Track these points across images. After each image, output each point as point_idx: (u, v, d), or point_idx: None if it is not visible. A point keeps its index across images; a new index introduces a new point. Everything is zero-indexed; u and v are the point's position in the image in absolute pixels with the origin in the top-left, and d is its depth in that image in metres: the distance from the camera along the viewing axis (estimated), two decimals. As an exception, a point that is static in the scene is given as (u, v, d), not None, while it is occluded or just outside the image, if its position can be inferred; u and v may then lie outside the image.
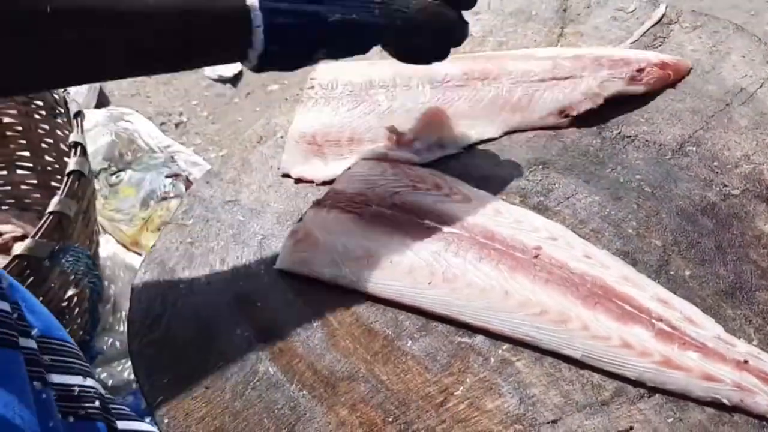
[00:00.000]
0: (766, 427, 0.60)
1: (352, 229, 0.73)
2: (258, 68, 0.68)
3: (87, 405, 0.70)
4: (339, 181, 0.80)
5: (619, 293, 0.66)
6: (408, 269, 0.70)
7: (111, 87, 1.96)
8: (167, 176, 1.52)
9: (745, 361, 0.62)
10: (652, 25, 0.93)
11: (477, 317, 0.67)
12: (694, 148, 0.80)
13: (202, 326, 0.72)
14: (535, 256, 0.69)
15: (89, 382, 0.72)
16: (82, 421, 0.69)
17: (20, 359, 0.61)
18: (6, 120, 1.34)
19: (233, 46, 0.66)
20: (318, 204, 0.76)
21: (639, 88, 0.85)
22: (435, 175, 0.79)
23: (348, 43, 0.71)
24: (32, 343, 0.67)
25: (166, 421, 0.66)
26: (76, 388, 0.69)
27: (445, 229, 0.72)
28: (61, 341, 0.72)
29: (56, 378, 0.68)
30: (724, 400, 0.61)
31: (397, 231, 0.73)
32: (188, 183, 1.48)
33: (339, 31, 0.68)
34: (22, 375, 0.61)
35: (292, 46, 0.68)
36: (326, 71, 0.90)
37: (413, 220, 0.74)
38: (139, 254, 1.39)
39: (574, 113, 0.84)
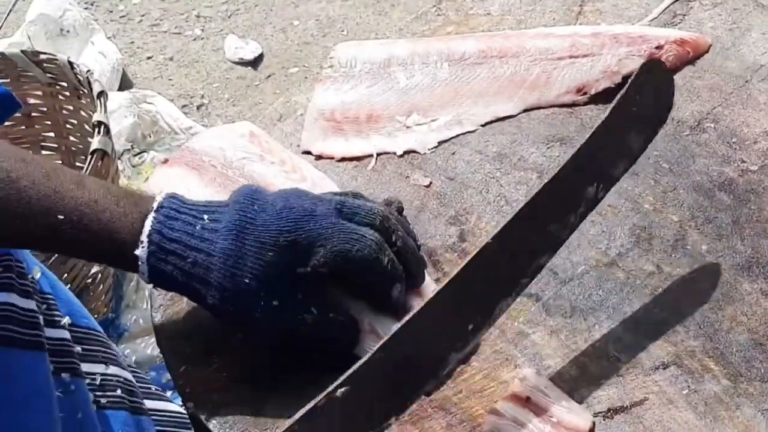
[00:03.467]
0: (781, 399, 0.61)
1: (190, 186, 0.76)
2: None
3: (109, 394, 0.71)
4: (197, 139, 0.83)
5: None
6: None
7: (134, 69, 1.98)
8: (189, 157, 1.54)
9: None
10: (672, 3, 0.93)
11: None
12: (713, 125, 0.80)
13: (223, 299, 0.73)
14: None
15: (112, 369, 0.72)
16: (102, 410, 0.70)
17: (41, 360, 0.61)
18: (31, 101, 1.36)
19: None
20: (166, 161, 0.79)
21: (658, 66, 0.85)
22: (284, 151, 0.81)
23: None
24: (65, 334, 0.67)
25: (188, 390, 0.67)
26: (98, 377, 0.70)
27: None
28: (86, 329, 0.73)
29: (83, 367, 0.69)
30: None
31: (228, 193, 0.75)
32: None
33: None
34: (40, 379, 0.61)
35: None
36: (345, 49, 0.91)
37: None
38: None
39: (593, 91, 0.85)
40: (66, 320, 0.67)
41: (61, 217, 0.59)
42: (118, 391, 0.72)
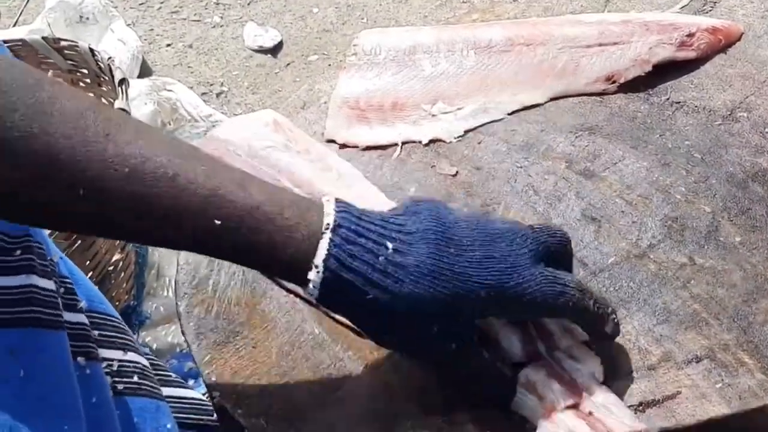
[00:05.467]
0: (817, 394, 0.59)
1: None
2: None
3: (126, 380, 0.71)
4: (222, 127, 0.82)
5: None
6: None
7: (153, 57, 1.98)
8: (209, 145, 1.54)
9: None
10: (703, -10, 0.91)
11: None
12: (745, 114, 0.78)
13: (247, 287, 0.73)
14: None
15: (129, 356, 0.73)
16: (119, 396, 0.70)
17: (63, 340, 0.60)
18: (52, 88, 1.36)
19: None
20: None
21: (689, 54, 0.84)
22: (309, 140, 0.81)
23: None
24: (82, 318, 0.67)
25: (213, 379, 0.67)
26: (116, 363, 0.70)
27: (295, 190, 0.72)
28: (103, 315, 0.73)
29: (100, 353, 0.69)
30: None
31: None
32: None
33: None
34: (63, 358, 0.60)
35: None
36: (369, 37, 0.90)
37: (271, 175, 0.76)
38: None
39: (622, 80, 0.83)
40: (83, 304, 0.68)
41: (218, 222, 0.53)
42: (135, 378, 0.73)
